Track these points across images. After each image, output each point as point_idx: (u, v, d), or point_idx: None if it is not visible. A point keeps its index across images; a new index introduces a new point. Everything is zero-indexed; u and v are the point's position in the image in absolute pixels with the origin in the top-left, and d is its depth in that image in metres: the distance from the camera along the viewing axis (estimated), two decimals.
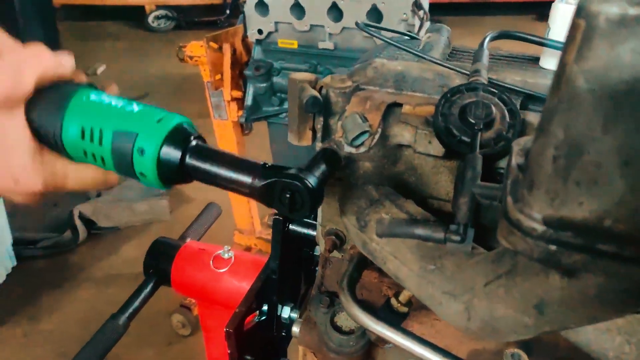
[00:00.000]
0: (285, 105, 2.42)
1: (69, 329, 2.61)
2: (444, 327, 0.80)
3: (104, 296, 2.83)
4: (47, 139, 0.60)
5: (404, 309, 0.65)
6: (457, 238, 0.46)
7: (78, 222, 3.21)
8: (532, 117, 0.56)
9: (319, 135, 0.61)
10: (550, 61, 0.67)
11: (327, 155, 0.58)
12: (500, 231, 0.36)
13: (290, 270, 0.91)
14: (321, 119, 0.61)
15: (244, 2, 2.69)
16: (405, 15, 1.99)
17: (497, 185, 0.47)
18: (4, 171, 0.57)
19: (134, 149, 0.57)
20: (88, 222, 3.28)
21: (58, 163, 0.60)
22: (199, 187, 0.61)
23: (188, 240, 1.11)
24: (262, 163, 0.56)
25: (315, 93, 0.57)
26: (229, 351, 0.82)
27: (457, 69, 0.60)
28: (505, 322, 0.42)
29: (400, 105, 0.59)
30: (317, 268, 1.03)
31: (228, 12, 7.12)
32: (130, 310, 0.97)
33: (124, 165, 0.59)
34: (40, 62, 0.59)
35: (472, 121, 0.51)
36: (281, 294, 0.90)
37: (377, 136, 0.58)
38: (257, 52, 2.36)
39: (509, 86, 0.58)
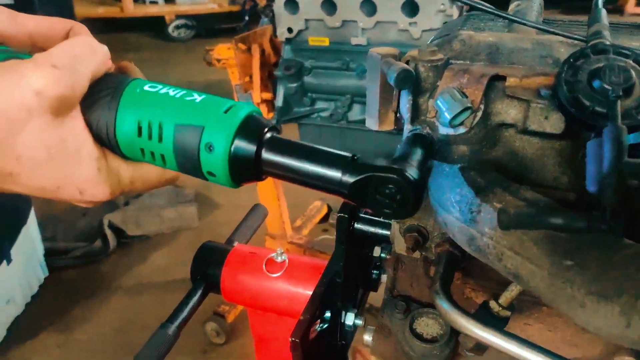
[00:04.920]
0: (317, 105, 2.36)
1: (103, 339, 2.57)
2: (536, 332, 0.71)
3: (136, 305, 2.80)
4: (100, 139, 0.53)
5: (506, 313, 0.56)
6: (604, 226, 0.38)
7: (108, 232, 3.19)
8: None
9: (408, 115, 0.54)
10: None
11: (419, 140, 0.51)
12: None
13: (353, 273, 0.84)
14: (410, 98, 0.53)
15: (263, 7, 2.64)
16: (443, 6, 1.90)
17: None
18: (68, 182, 0.51)
19: (201, 145, 0.50)
20: (117, 231, 3.25)
21: (122, 167, 0.54)
22: (226, 193, 0.54)
23: (235, 243, 1.04)
24: (350, 155, 0.49)
25: (406, 66, 0.50)
26: None
27: (569, 35, 0.52)
28: None
29: (503, 78, 0.51)
30: (374, 271, 0.96)
31: (247, 18, 7.12)
32: (180, 319, 0.90)
33: (189, 164, 0.52)
34: (94, 56, 0.52)
35: (608, 88, 0.43)
36: (344, 299, 0.83)
37: (479, 114, 0.50)
38: (286, 52, 2.30)
39: (635, 50, 0.49)
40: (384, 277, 0.93)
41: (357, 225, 0.78)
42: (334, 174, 0.47)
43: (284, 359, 1.04)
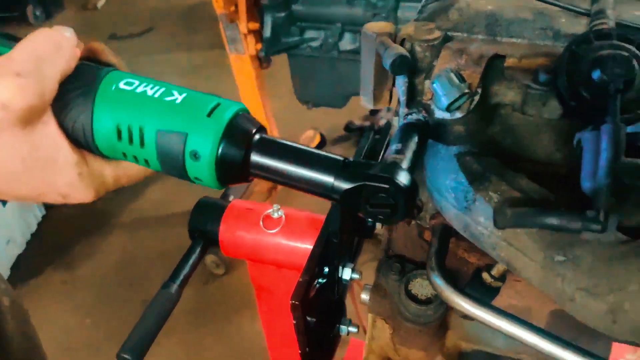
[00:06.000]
0: (307, 35, 2.27)
1: (106, 274, 2.66)
2: (524, 287, 0.74)
3: (135, 240, 2.86)
4: (78, 142, 0.50)
5: (498, 284, 0.59)
6: (598, 227, 0.39)
7: None
8: None
9: (403, 98, 0.52)
10: None
11: (414, 131, 0.50)
12: None
13: (349, 227, 0.86)
14: (405, 80, 0.51)
15: None
16: None
17: None
18: (49, 189, 0.49)
19: (186, 153, 0.47)
20: None
21: (105, 167, 0.52)
22: None
23: (231, 198, 1.05)
24: (341, 159, 0.47)
25: (403, 50, 0.47)
26: (294, 322, 0.78)
27: (571, 7, 0.50)
28: None
29: (502, 57, 0.49)
30: (369, 219, 0.98)
31: None
32: (181, 277, 0.92)
33: (175, 170, 0.50)
34: (61, 53, 0.47)
35: (608, 80, 0.41)
36: (341, 256, 0.85)
37: (476, 97, 0.49)
38: None
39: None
40: (379, 225, 0.95)
41: None
42: (326, 179, 0.46)
43: (285, 307, 1.09)
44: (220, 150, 0.47)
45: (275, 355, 1.26)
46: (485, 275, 0.58)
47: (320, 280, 0.85)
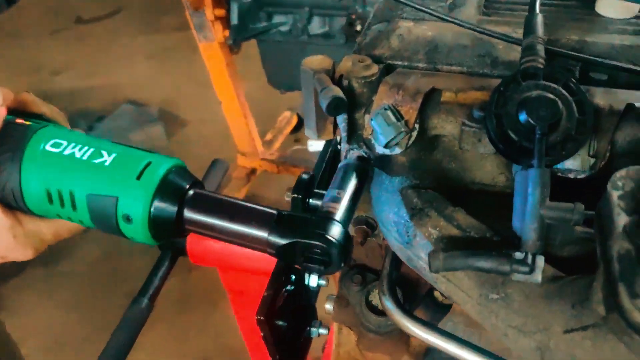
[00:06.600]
0: (275, 20, 2.23)
1: (87, 269, 2.65)
2: None
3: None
4: (10, 205, 0.50)
5: (449, 301, 0.61)
6: (525, 269, 0.40)
7: None
8: (602, 98, 0.47)
9: (344, 134, 0.53)
10: (607, 5, 0.56)
11: (352, 172, 0.51)
12: (602, 307, 0.30)
13: None
14: (345, 117, 0.52)
15: None
16: None
17: (570, 205, 0.40)
18: None
19: (118, 217, 0.47)
20: None
21: (42, 226, 0.52)
22: (191, 108, 0.51)
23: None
24: (275, 212, 0.47)
25: (338, 92, 0.47)
26: (262, 334, 0.80)
27: (502, 36, 0.50)
28: None
29: (439, 91, 0.50)
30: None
31: None
32: (151, 291, 0.93)
33: (110, 231, 0.50)
34: None
35: (534, 124, 0.42)
36: None
37: (414, 133, 0.49)
38: None
39: (571, 54, 0.48)
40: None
41: (312, 201, 0.79)
42: (260, 233, 0.46)
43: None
44: (152, 211, 0.47)
45: (254, 352, 1.29)
46: (436, 294, 0.60)
47: (288, 287, 0.86)
